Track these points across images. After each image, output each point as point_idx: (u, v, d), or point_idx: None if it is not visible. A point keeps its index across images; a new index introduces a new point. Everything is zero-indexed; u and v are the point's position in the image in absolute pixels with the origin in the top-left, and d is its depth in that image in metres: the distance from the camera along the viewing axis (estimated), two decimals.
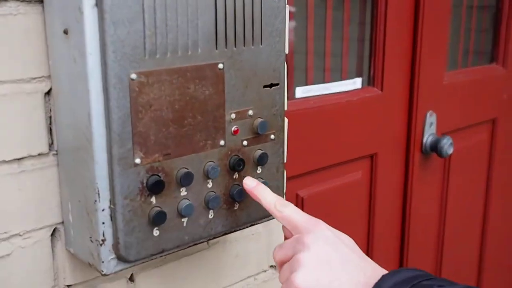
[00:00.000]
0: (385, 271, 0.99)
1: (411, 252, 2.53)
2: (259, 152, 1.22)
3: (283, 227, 1.12)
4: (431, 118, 2.42)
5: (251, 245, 1.51)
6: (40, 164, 1.14)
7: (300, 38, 2.01)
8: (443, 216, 2.67)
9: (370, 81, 2.23)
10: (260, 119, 1.20)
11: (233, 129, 1.17)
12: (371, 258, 2.32)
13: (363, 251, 1.06)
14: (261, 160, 1.22)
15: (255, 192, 1.14)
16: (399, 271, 0.96)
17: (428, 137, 2.43)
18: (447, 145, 2.42)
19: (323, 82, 2.09)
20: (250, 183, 1.15)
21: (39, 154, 1.13)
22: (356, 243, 1.08)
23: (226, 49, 1.13)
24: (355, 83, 2.17)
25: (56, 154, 1.15)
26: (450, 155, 2.47)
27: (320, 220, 1.07)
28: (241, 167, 1.19)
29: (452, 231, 2.73)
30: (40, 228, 1.16)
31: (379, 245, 2.39)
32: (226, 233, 1.23)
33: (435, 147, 2.43)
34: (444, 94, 2.48)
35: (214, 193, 1.17)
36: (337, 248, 1.01)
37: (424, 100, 2.37)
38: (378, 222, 2.36)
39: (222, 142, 1.16)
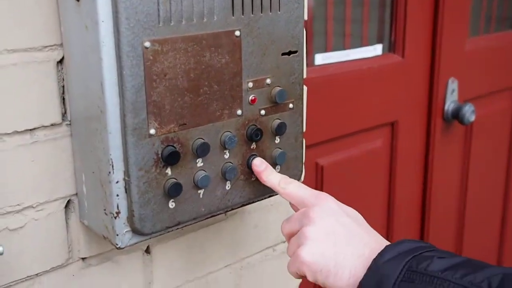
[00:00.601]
0: (389, 243, 1.00)
1: (432, 220, 2.51)
2: (277, 121, 1.19)
3: (290, 203, 1.12)
4: (453, 85, 2.38)
5: (270, 215, 1.49)
6: (53, 134, 1.11)
7: (320, 3, 1.97)
8: (464, 184, 2.64)
9: (391, 48, 2.19)
10: (278, 88, 1.17)
11: (250, 98, 1.14)
12: (392, 227, 2.31)
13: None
14: (279, 130, 1.19)
15: (262, 175, 1.16)
16: (402, 242, 0.96)
17: (449, 104, 2.39)
18: (469, 113, 2.38)
19: (343, 48, 2.05)
20: (259, 165, 1.17)
21: (51, 125, 1.11)
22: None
23: (243, 16, 1.09)
24: (376, 50, 2.13)
25: (69, 124, 1.13)
26: (472, 123, 2.44)
27: (325, 193, 1.08)
28: (259, 137, 1.16)
29: (473, 199, 2.70)
30: (54, 200, 1.14)
31: (400, 214, 2.37)
32: (243, 205, 1.21)
33: (456, 115, 2.39)
34: (466, 60, 2.43)
35: (231, 164, 1.14)
36: (342, 221, 1.02)
37: (445, 66, 2.32)
38: (398, 191, 2.33)
39: (239, 112, 1.13)
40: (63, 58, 1.09)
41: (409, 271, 0.89)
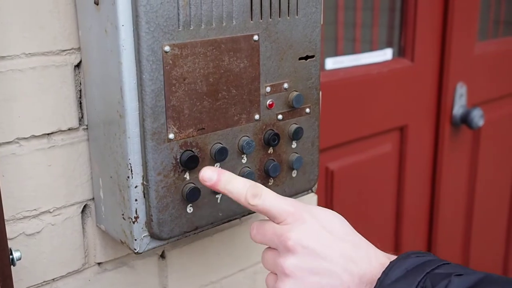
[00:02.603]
0: (390, 256, 0.91)
1: (440, 224, 2.51)
2: (294, 126, 1.18)
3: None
4: (461, 90, 2.38)
5: None
6: (70, 139, 1.11)
7: (330, 8, 1.97)
8: (472, 188, 2.64)
9: (400, 52, 2.19)
10: (295, 92, 1.16)
11: (268, 102, 1.14)
12: (401, 231, 2.30)
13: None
14: (296, 135, 1.18)
15: (217, 187, 0.93)
16: (407, 256, 0.87)
17: (458, 109, 2.39)
18: (478, 117, 2.38)
19: (353, 53, 2.05)
20: (210, 176, 0.93)
21: (69, 129, 1.10)
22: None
23: (261, 20, 1.09)
24: (386, 54, 2.12)
25: (87, 128, 1.12)
26: (480, 127, 2.43)
27: (298, 205, 0.93)
28: (276, 141, 1.15)
29: (481, 204, 2.70)
30: (71, 205, 1.13)
31: (408, 218, 2.36)
32: None
33: (465, 119, 2.39)
34: (475, 65, 2.43)
35: (248, 168, 1.14)
36: (323, 242, 0.89)
37: (454, 71, 2.32)
38: (407, 195, 2.33)
39: (257, 116, 1.13)
40: (80, 62, 1.09)
41: None
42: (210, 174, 0.92)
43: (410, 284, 0.82)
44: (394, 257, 0.89)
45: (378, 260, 0.89)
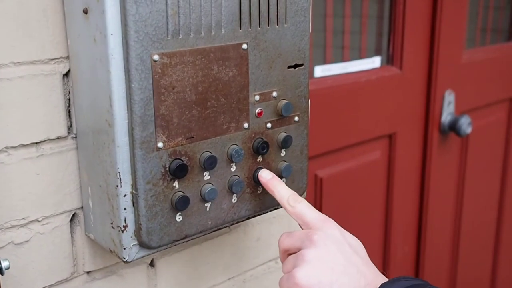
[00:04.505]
0: (385, 278, 1.00)
1: (428, 230, 2.51)
2: (283, 134, 1.18)
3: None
4: (449, 97, 2.39)
5: (272, 228, 1.48)
6: (58, 147, 1.11)
7: (319, 16, 1.97)
8: (460, 195, 2.65)
9: (389, 60, 2.19)
10: (284, 101, 1.17)
11: (257, 111, 1.14)
12: (389, 238, 2.31)
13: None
14: (285, 143, 1.18)
15: (269, 185, 1.14)
16: (398, 279, 0.96)
17: (446, 116, 2.40)
18: (466, 124, 2.39)
19: (342, 60, 2.05)
20: (266, 176, 1.15)
21: (57, 138, 1.10)
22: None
23: (250, 29, 1.09)
24: (374, 62, 2.13)
25: (75, 137, 1.12)
26: (468, 135, 2.44)
27: (330, 219, 1.07)
28: (265, 150, 1.16)
29: (469, 211, 2.71)
30: (59, 214, 1.13)
31: (397, 225, 2.37)
32: (249, 217, 1.21)
33: (453, 127, 2.40)
34: (463, 72, 2.44)
35: (237, 177, 1.14)
36: (343, 249, 1.01)
37: (442, 79, 2.33)
38: (396, 202, 2.33)
39: (246, 125, 1.13)
40: (69, 71, 1.09)
41: None
42: (267, 173, 1.15)
43: None
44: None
45: (377, 278, 1.00)
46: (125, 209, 1.04)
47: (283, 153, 1.20)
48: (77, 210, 1.15)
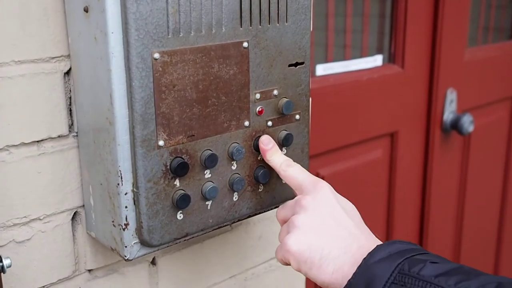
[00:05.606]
0: (379, 242, 0.99)
1: (430, 229, 2.51)
2: (284, 132, 1.19)
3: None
4: (451, 96, 2.38)
5: (274, 226, 1.48)
6: (59, 146, 1.11)
7: (320, 14, 1.97)
8: (462, 194, 2.65)
9: (390, 58, 2.19)
10: (285, 99, 1.17)
11: (257, 109, 1.14)
12: (391, 237, 2.30)
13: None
14: (286, 141, 1.19)
15: (266, 153, 1.14)
16: (393, 242, 0.95)
17: (448, 115, 2.40)
18: (468, 123, 2.39)
19: (344, 59, 2.05)
20: (267, 144, 1.15)
21: (58, 136, 1.10)
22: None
23: (251, 27, 1.09)
24: (376, 61, 2.13)
25: (76, 135, 1.12)
26: (470, 133, 2.44)
27: (324, 182, 1.06)
28: None
29: (471, 209, 2.71)
30: (61, 212, 1.13)
31: (399, 223, 2.37)
32: (250, 216, 1.20)
33: (455, 125, 2.40)
34: (465, 71, 2.44)
35: (238, 175, 1.14)
36: (334, 212, 1.01)
37: (444, 77, 2.33)
38: (398, 201, 2.33)
39: (246, 123, 1.13)
40: (70, 69, 1.09)
41: (401, 274, 0.88)
42: (268, 141, 1.15)
43: (390, 265, 0.89)
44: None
45: (370, 242, 0.98)
46: (126, 207, 1.04)
47: (284, 151, 1.20)
48: (79, 208, 1.15)
